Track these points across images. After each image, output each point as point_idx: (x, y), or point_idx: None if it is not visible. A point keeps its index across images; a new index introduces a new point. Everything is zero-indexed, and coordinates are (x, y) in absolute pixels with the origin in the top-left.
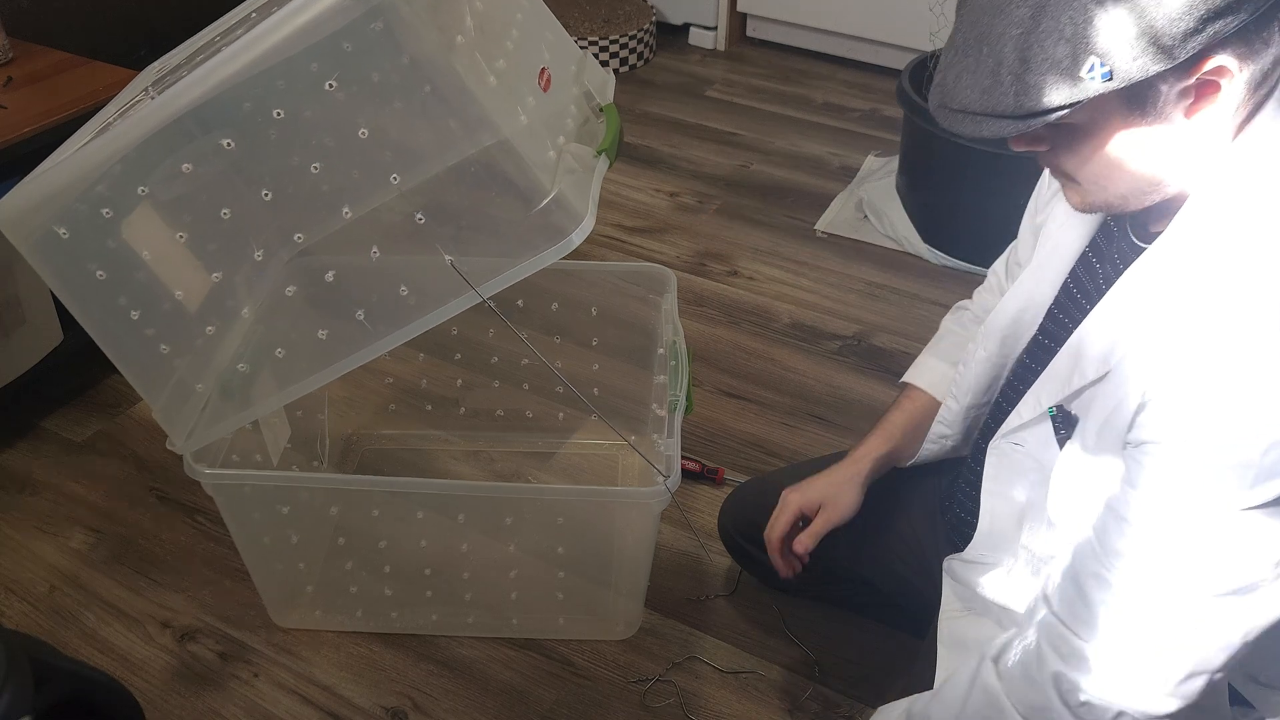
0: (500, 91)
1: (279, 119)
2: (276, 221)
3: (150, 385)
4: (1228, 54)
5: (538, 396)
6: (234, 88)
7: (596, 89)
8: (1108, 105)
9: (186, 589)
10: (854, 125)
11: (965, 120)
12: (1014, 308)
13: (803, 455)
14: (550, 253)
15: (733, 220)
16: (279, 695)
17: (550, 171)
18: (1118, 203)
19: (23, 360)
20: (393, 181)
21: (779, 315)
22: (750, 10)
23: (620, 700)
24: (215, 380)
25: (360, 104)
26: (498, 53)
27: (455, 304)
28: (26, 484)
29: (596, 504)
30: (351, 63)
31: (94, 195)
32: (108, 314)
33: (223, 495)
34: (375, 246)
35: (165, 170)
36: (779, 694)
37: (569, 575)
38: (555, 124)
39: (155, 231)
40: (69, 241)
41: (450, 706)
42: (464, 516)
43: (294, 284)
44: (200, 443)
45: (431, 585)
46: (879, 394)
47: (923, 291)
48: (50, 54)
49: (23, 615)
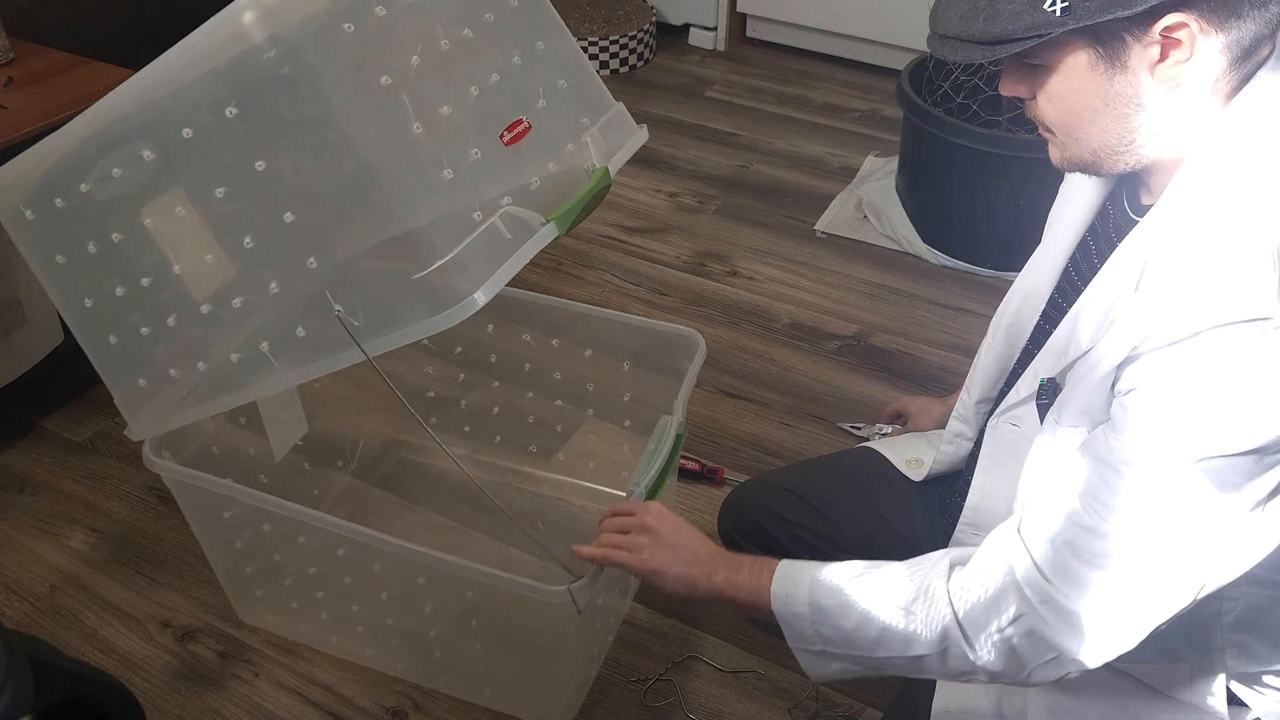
0: (424, 141)
1: (188, 138)
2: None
3: (112, 371)
4: (1190, 14)
5: (576, 431)
6: (152, 101)
7: (602, 149)
8: (1076, 49)
9: (186, 589)
10: (854, 125)
11: (946, 45)
12: (1018, 298)
13: (803, 455)
14: (434, 321)
15: (733, 220)
16: (279, 695)
17: (459, 233)
18: (1090, 159)
19: (23, 360)
20: (286, 220)
21: (779, 315)
22: (750, 10)
23: (620, 699)
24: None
25: (259, 136)
26: (448, 98)
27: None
28: (26, 484)
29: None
30: (253, 92)
31: (47, 184)
32: (72, 298)
33: (177, 490)
34: (274, 281)
35: (99, 171)
36: (779, 694)
37: (488, 650)
38: (505, 182)
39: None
40: (34, 223)
41: (450, 706)
42: (379, 566)
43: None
44: (160, 430)
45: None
46: (879, 394)
47: (922, 291)
48: (50, 54)
49: (23, 615)
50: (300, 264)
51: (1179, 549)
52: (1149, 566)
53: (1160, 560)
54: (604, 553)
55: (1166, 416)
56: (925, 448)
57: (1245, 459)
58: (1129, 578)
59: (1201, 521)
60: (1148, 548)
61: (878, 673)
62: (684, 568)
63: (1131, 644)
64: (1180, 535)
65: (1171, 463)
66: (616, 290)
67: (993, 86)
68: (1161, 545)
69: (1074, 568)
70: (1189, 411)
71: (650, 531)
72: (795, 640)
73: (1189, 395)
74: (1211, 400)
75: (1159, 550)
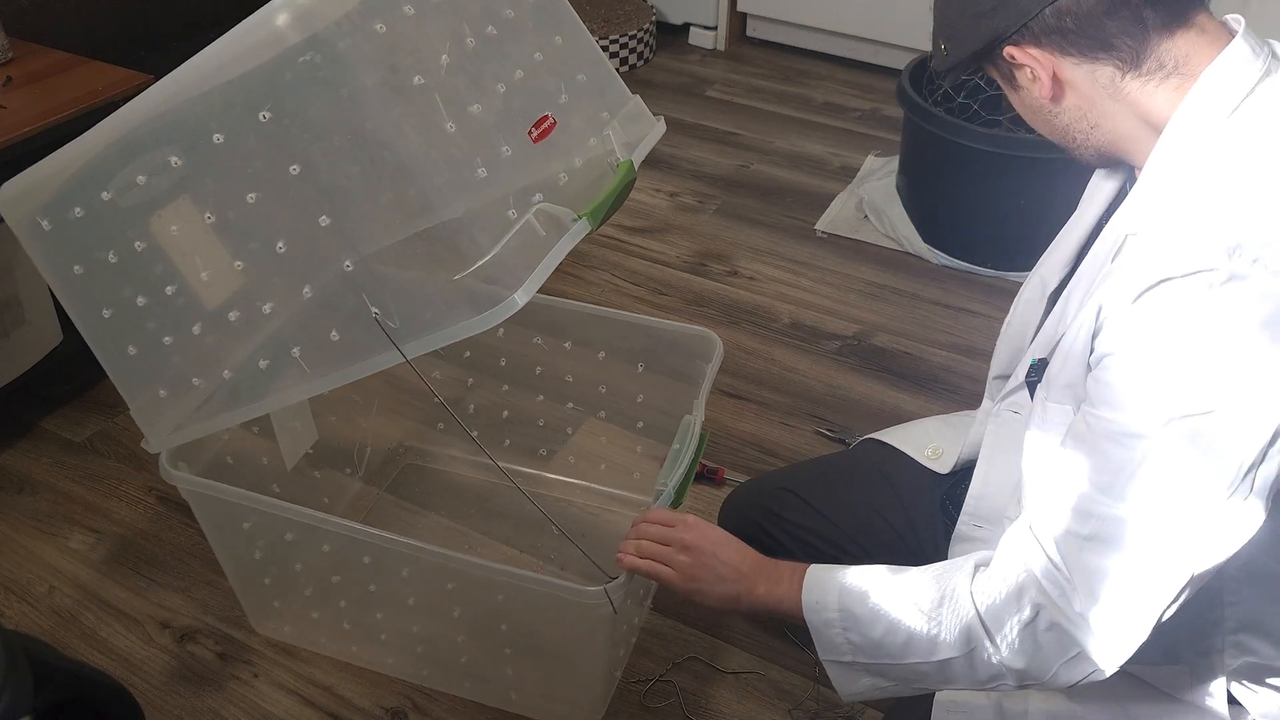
0: (458, 140)
1: (219, 143)
2: (216, 246)
3: (129, 383)
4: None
5: (586, 433)
6: (180, 105)
7: (624, 142)
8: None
9: (186, 589)
10: (854, 125)
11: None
12: (1037, 276)
13: (803, 455)
14: (476, 322)
15: (733, 220)
16: (279, 695)
17: (497, 232)
18: (1059, 144)
19: (23, 360)
20: (321, 224)
21: (779, 315)
22: (750, 10)
23: (620, 700)
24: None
25: (293, 138)
26: (478, 96)
27: (384, 358)
28: (26, 484)
29: (533, 591)
30: (287, 94)
31: (66, 194)
32: (88, 309)
33: (194, 501)
34: (307, 286)
35: (123, 178)
36: (779, 695)
37: (516, 654)
38: (535, 179)
39: (124, 233)
40: (50, 234)
41: (450, 706)
42: (407, 572)
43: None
44: (178, 442)
45: (383, 629)
46: (879, 394)
47: (923, 291)
48: (50, 54)
49: (23, 615)
50: (336, 267)
51: (1166, 520)
52: (1141, 540)
53: (1151, 533)
54: (647, 565)
55: (1129, 382)
56: (946, 436)
57: (1210, 420)
58: (1126, 555)
59: (1184, 490)
60: (1136, 520)
61: (907, 687)
62: (727, 586)
63: (1143, 633)
64: (1164, 505)
65: (1142, 429)
66: (616, 290)
67: (994, 86)
68: (1148, 516)
69: (1079, 554)
70: (1148, 374)
71: (690, 549)
72: (826, 651)
73: (1146, 357)
74: (1165, 359)
75: (1147, 522)
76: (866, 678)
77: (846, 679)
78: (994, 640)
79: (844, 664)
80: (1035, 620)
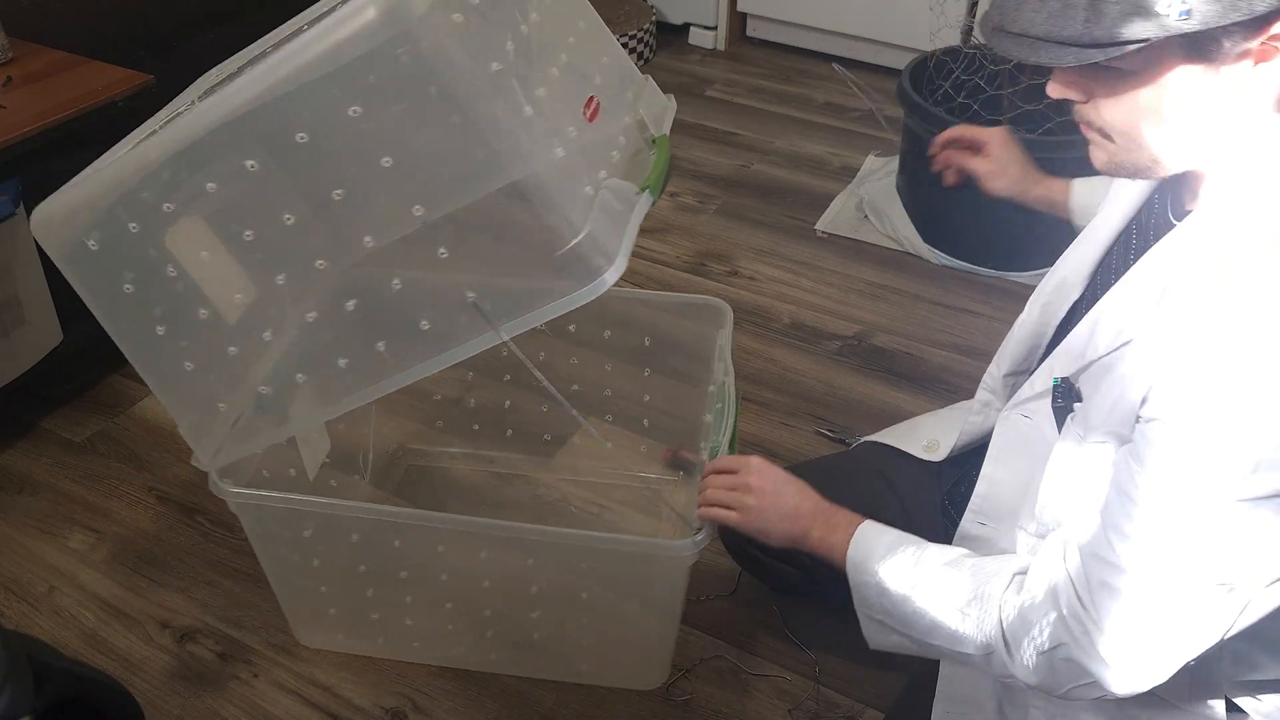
0: (537, 123)
1: (302, 143)
2: (299, 247)
3: (179, 401)
4: None
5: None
6: (258, 109)
7: (653, 118)
8: (1169, 52)
9: (186, 589)
10: (854, 125)
11: (1023, 45)
12: (1058, 276)
13: (803, 455)
14: (579, 295)
15: (733, 220)
16: (279, 695)
17: (584, 209)
18: (1148, 165)
19: (23, 360)
20: (415, 214)
21: (779, 315)
22: (750, 10)
23: (621, 701)
24: (244, 398)
25: (385, 132)
26: (540, 80)
27: (476, 342)
28: (26, 484)
29: (623, 552)
30: (377, 90)
31: (121, 209)
32: (137, 328)
33: (246, 515)
34: (397, 279)
35: (190, 188)
36: (780, 695)
37: (593, 622)
38: (597, 157)
39: (183, 248)
40: (98, 253)
41: (450, 707)
42: (485, 554)
43: (316, 310)
44: (226, 460)
45: (452, 619)
46: (879, 394)
47: (923, 291)
48: (50, 54)
49: (22, 615)
50: (431, 256)
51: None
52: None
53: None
54: (716, 513)
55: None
56: (941, 428)
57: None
58: (1159, 618)
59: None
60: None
61: (929, 655)
62: (788, 525)
63: (1162, 677)
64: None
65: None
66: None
67: (994, 86)
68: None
69: (1106, 600)
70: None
71: (755, 491)
72: (861, 605)
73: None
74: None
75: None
76: (895, 636)
77: (877, 633)
78: (1012, 655)
79: (875, 620)
80: (1054, 651)
